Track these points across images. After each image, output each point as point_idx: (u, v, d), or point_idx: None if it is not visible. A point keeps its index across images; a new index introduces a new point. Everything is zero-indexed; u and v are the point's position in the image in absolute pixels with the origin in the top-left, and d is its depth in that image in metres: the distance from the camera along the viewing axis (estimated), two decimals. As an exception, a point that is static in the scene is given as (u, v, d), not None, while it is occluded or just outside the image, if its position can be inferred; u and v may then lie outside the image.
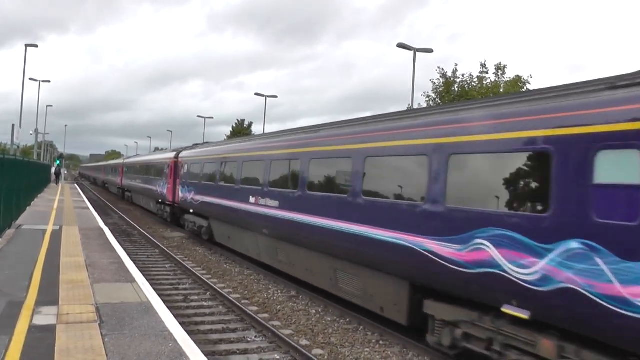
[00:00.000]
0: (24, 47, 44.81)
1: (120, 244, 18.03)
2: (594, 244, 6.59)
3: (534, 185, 7.73)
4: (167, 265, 18.73)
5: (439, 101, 34.72)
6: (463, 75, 35.68)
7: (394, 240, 10.02)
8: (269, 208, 15.47)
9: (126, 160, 53.44)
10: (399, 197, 10.30)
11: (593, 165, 6.71)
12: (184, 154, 27.84)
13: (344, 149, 12.27)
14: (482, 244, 8.11)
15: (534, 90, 9.03)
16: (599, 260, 6.52)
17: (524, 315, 7.58)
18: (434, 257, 9.01)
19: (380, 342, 11.06)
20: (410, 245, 9.59)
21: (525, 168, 7.81)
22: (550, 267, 7.10)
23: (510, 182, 8.02)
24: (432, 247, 9.09)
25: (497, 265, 7.86)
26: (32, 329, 7.97)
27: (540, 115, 7.58)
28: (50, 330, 7.99)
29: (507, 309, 7.84)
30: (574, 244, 6.82)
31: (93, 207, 33.44)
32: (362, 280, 11.75)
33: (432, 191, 9.23)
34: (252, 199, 16.84)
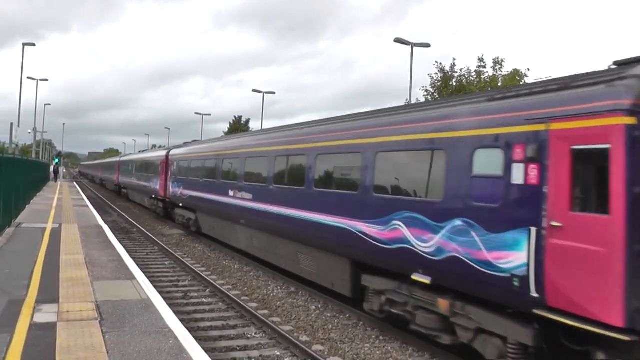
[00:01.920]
0: (22, 46, 44.80)
1: (120, 242, 18.04)
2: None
3: None
4: (166, 262, 18.76)
5: (437, 96, 34.70)
6: (461, 70, 35.67)
7: None
8: None
9: (178, 152, 29.28)
10: None
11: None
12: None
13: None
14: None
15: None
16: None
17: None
18: None
19: (380, 338, 11.09)
20: None
21: None
22: None
23: None
24: None
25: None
26: (33, 327, 8.00)
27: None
28: (50, 328, 8.01)
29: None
30: None
31: (92, 205, 33.44)
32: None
33: None
34: None
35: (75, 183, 71.37)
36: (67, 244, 16.16)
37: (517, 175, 7.68)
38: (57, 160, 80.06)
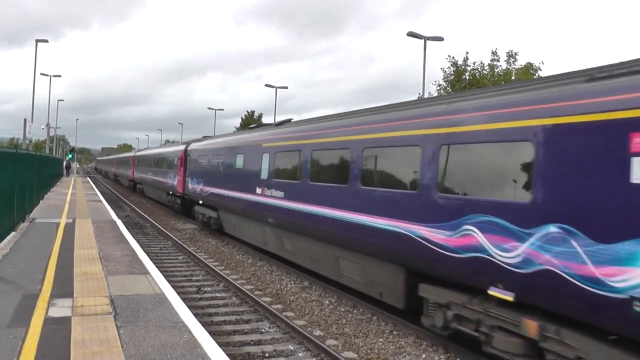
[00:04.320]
0: (35, 43, 45.01)
1: (133, 236, 18.09)
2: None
3: None
4: (180, 257, 18.79)
5: (450, 90, 34.50)
6: (474, 64, 35.45)
7: None
8: None
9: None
10: None
11: None
12: None
13: None
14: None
15: None
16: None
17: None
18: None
19: (394, 333, 11.03)
20: None
21: None
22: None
23: None
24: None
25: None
26: (48, 321, 8.01)
27: None
28: (65, 322, 8.02)
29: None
30: None
31: (105, 200, 33.59)
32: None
33: None
34: None
35: (88, 178, 71.83)
36: (81, 238, 16.22)
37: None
38: (70, 156, 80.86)
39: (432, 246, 9.30)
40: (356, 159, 12.02)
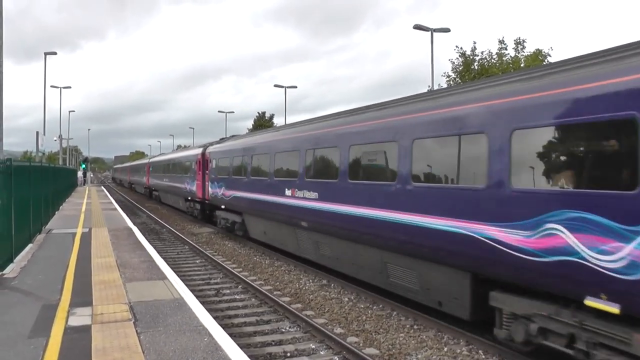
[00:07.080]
0: (44, 56, 45.30)
1: (150, 243, 18.12)
2: None
3: None
4: (197, 261, 18.80)
5: (459, 80, 34.26)
6: (482, 53, 35.16)
7: None
8: None
9: None
10: None
11: None
12: None
13: None
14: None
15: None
16: None
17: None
18: None
19: (415, 327, 10.95)
20: None
21: None
22: None
23: None
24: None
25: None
26: (68, 330, 8.01)
27: None
28: (85, 330, 8.02)
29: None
30: None
31: (120, 208, 33.72)
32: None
33: None
34: None
35: (103, 187, 72.27)
36: (98, 247, 16.27)
37: None
38: (83, 166, 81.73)
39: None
40: None
